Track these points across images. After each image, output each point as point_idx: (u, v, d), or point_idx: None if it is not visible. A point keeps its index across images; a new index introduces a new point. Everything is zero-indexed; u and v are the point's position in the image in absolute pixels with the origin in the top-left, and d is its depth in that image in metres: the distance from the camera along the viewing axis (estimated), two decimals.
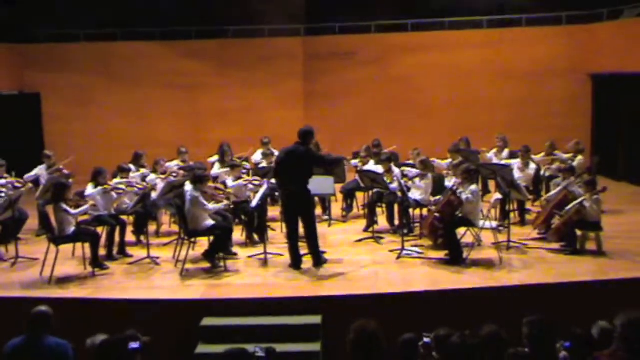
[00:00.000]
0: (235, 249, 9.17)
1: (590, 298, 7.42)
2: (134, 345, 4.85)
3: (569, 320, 5.46)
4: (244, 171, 10.53)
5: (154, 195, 9.62)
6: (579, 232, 8.89)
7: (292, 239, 8.38)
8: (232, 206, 9.45)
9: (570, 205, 8.78)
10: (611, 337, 4.57)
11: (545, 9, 15.25)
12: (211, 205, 8.63)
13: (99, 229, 8.85)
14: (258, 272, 8.41)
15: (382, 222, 10.37)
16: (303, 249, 8.48)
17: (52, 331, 5.02)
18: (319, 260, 8.40)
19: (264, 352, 5.10)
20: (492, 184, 11.47)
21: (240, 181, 9.85)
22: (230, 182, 9.92)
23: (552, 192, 9.79)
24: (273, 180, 9.08)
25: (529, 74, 15.21)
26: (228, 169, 10.36)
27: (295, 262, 8.37)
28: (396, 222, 10.10)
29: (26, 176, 10.34)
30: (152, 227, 10.15)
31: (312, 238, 8.36)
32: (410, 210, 9.96)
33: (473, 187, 8.67)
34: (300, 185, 8.19)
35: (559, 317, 5.32)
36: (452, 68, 15.40)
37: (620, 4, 14.30)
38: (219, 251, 8.58)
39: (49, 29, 15.12)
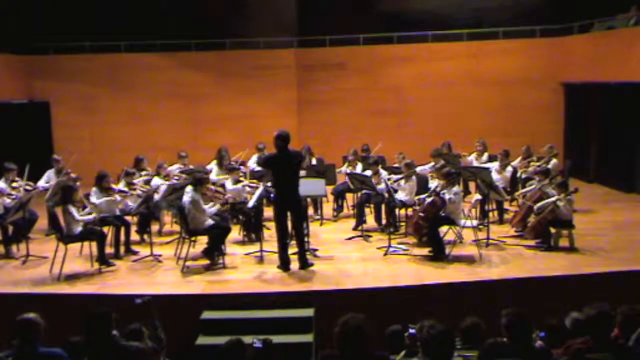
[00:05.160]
0: (233, 247, 9.14)
1: (563, 291, 7.47)
2: (138, 300, 4.92)
3: (544, 311, 5.51)
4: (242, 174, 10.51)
5: (156, 197, 9.60)
6: (553, 230, 8.94)
7: (285, 240, 8.24)
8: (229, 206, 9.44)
9: (542, 202, 8.86)
10: (583, 327, 4.60)
11: (520, 23, 15.32)
12: (208, 207, 8.62)
13: (105, 229, 8.82)
14: (254, 269, 8.39)
15: (370, 221, 10.38)
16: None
17: (41, 341, 4.40)
18: (305, 262, 8.27)
19: (260, 343, 5.11)
20: (472, 186, 11.51)
21: (239, 185, 9.83)
22: (229, 184, 9.90)
23: (527, 189, 9.86)
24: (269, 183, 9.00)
25: (506, 83, 15.27)
26: (226, 174, 10.32)
27: (286, 264, 8.23)
28: (383, 221, 10.12)
29: (39, 183, 10.31)
30: (154, 227, 10.12)
31: (303, 240, 8.30)
32: (397, 210, 10.00)
33: (455, 188, 8.71)
34: (297, 187, 8.15)
35: (534, 308, 5.36)
36: (435, 77, 15.44)
37: (590, 18, 14.40)
38: (218, 249, 8.56)
39: (57, 41, 15.06)
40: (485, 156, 11.83)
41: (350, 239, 9.77)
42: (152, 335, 4.92)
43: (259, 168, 11.25)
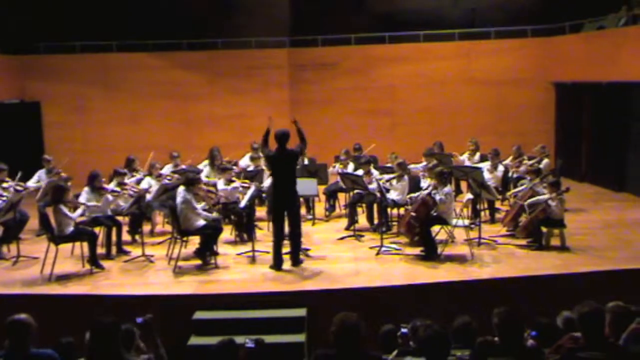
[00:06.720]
0: (225, 247, 9.12)
1: (555, 290, 7.49)
2: (139, 319, 4.87)
3: (536, 310, 5.53)
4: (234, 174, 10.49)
5: (148, 197, 9.57)
6: (544, 229, 8.97)
7: (281, 238, 8.24)
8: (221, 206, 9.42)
9: (533, 199, 8.89)
10: (574, 325, 4.62)
11: (512, 22, 15.39)
12: (200, 209, 8.59)
13: (97, 229, 8.78)
14: (246, 269, 8.38)
15: (362, 221, 10.39)
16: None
17: (34, 342, 4.35)
18: (298, 259, 8.31)
19: (253, 343, 5.11)
20: (464, 185, 11.54)
21: (231, 185, 9.79)
22: (221, 184, 9.88)
23: (519, 188, 9.89)
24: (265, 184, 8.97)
25: (498, 83, 15.33)
26: (218, 174, 10.30)
27: (279, 263, 8.23)
28: (375, 220, 10.13)
29: (29, 183, 10.25)
30: (146, 227, 10.08)
31: (299, 237, 8.32)
32: (389, 210, 10.01)
33: (446, 188, 8.72)
34: (295, 185, 8.15)
35: (526, 308, 5.39)
36: (427, 77, 15.47)
37: (581, 18, 14.47)
38: (210, 249, 8.54)
39: (48, 41, 14.98)
40: (477, 156, 11.87)
41: (342, 238, 9.76)
42: (155, 354, 4.88)
43: (251, 168, 11.26)
